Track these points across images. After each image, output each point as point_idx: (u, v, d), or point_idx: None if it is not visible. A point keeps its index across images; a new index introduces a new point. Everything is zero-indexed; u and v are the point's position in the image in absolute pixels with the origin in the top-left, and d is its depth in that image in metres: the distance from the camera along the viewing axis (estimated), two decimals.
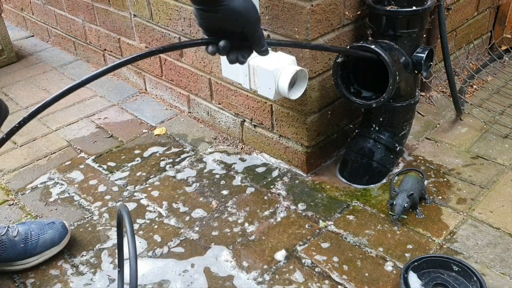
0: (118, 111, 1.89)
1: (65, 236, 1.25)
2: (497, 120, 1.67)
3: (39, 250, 1.20)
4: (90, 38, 2.17)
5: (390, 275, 1.14)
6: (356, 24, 1.37)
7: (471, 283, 1.06)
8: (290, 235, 1.27)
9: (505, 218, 1.28)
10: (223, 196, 1.42)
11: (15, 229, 1.21)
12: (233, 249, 1.24)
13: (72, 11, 2.18)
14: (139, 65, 1.95)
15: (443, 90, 1.85)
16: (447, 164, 1.48)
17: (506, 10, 1.99)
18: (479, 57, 2.03)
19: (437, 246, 1.21)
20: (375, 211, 1.33)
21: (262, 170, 1.51)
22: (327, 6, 1.25)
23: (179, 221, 1.34)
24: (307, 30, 1.24)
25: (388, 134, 1.41)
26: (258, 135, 1.58)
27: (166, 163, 1.58)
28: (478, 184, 1.40)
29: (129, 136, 1.73)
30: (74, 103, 1.96)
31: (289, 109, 1.41)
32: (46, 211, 1.40)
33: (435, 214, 1.30)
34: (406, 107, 1.39)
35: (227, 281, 1.15)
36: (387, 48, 1.22)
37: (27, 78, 2.19)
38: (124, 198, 1.44)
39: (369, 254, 1.20)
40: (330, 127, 1.48)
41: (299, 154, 1.47)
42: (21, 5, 2.59)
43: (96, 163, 1.60)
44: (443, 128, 1.66)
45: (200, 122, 1.79)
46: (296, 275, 1.15)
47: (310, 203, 1.37)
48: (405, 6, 1.24)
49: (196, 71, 1.68)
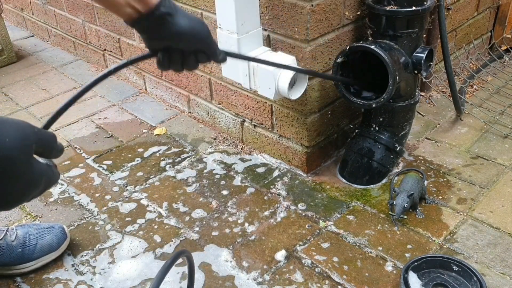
0: (118, 111, 1.89)
1: (64, 242, 1.24)
2: (497, 120, 1.67)
3: (36, 255, 1.19)
4: (90, 38, 2.17)
5: (390, 275, 1.14)
6: (356, 24, 1.37)
7: (471, 283, 1.06)
8: (290, 235, 1.27)
9: (505, 218, 1.28)
10: (223, 196, 1.42)
11: (14, 233, 1.20)
12: (233, 249, 1.24)
13: (72, 11, 2.18)
14: (139, 65, 1.95)
15: (443, 90, 1.85)
16: (447, 164, 1.48)
17: (506, 10, 1.99)
18: (479, 57, 2.03)
19: (437, 246, 1.21)
20: (375, 211, 1.33)
21: (262, 170, 1.51)
22: (327, 6, 1.25)
23: (179, 221, 1.34)
24: (307, 30, 1.24)
25: (388, 134, 1.41)
26: (258, 135, 1.58)
27: (166, 163, 1.58)
28: (478, 184, 1.40)
29: (129, 136, 1.73)
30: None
31: (289, 109, 1.41)
32: (46, 211, 1.40)
33: (435, 214, 1.30)
34: (406, 107, 1.39)
35: (227, 281, 1.15)
36: (387, 48, 1.22)
37: (27, 78, 2.19)
38: (124, 198, 1.44)
39: (369, 254, 1.20)
40: (330, 127, 1.48)
41: (299, 154, 1.47)
42: (21, 5, 2.59)
43: (96, 163, 1.60)
44: (443, 128, 1.66)
45: (200, 122, 1.79)
46: (296, 275, 1.15)
47: (310, 203, 1.37)
48: (405, 6, 1.24)
49: (196, 71, 1.68)
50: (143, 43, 1.85)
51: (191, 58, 0.84)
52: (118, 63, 0.81)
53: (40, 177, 0.51)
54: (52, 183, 0.55)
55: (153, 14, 0.74)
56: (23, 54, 2.41)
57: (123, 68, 0.82)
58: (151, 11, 0.74)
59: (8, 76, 2.21)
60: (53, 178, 0.55)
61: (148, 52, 0.83)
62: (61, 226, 1.26)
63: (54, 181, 0.55)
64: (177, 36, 0.78)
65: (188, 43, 0.81)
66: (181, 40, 0.79)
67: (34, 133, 0.51)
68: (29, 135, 0.50)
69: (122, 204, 1.41)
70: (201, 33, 0.81)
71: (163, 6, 0.75)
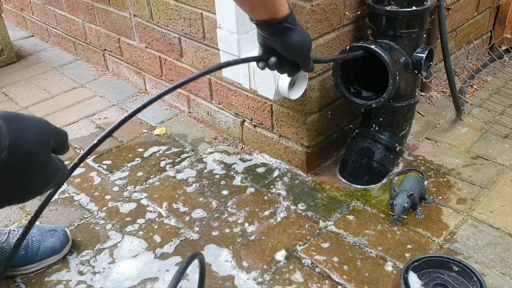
0: (118, 111, 1.89)
1: (66, 245, 1.24)
2: (497, 120, 1.67)
3: (39, 257, 1.20)
4: (90, 38, 2.17)
5: (390, 275, 1.14)
6: (356, 24, 1.37)
7: (471, 283, 1.06)
8: (290, 235, 1.27)
9: (505, 218, 1.28)
10: (223, 196, 1.42)
11: (16, 234, 1.20)
12: (233, 249, 1.24)
13: (72, 11, 2.18)
14: (139, 65, 1.95)
15: (443, 90, 1.85)
16: (447, 164, 1.48)
17: (506, 10, 1.99)
18: (479, 57, 2.03)
19: (437, 246, 1.21)
20: (375, 211, 1.33)
21: (262, 170, 1.51)
22: (327, 6, 1.25)
23: (179, 221, 1.34)
24: (307, 30, 1.23)
25: (388, 134, 1.41)
26: (258, 135, 1.58)
27: (166, 163, 1.58)
28: (478, 184, 1.40)
29: (129, 136, 1.73)
30: (74, 103, 1.96)
31: (289, 109, 1.41)
32: (46, 211, 1.40)
33: (435, 214, 1.30)
34: (406, 107, 1.39)
35: (227, 281, 1.15)
36: (387, 48, 1.22)
37: (27, 78, 2.19)
38: (124, 198, 1.44)
39: (369, 254, 1.20)
40: (330, 127, 1.48)
41: (299, 154, 1.47)
42: (21, 5, 2.59)
43: (96, 163, 1.60)
44: (443, 128, 1.66)
45: (200, 122, 1.79)
46: (296, 275, 1.15)
47: (310, 203, 1.37)
48: (405, 6, 1.24)
49: (196, 71, 1.68)
50: (143, 43, 1.85)
51: (287, 67, 0.96)
52: (228, 60, 0.89)
53: (57, 171, 0.54)
54: (64, 178, 0.58)
55: (278, 23, 0.87)
56: (23, 54, 2.41)
57: (234, 65, 0.90)
58: (278, 21, 0.87)
59: (8, 76, 2.21)
60: (65, 173, 0.58)
61: (263, 55, 0.94)
62: (64, 229, 1.26)
63: (66, 176, 0.58)
64: (287, 46, 0.90)
65: (292, 55, 0.92)
66: (288, 50, 0.91)
67: (53, 130, 0.54)
68: (49, 132, 0.53)
69: (122, 204, 1.41)
70: (305, 49, 0.93)
71: (287, 21, 0.87)
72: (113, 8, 1.91)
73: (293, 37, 0.89)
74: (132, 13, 1.82)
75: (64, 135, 0.57)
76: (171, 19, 1.64)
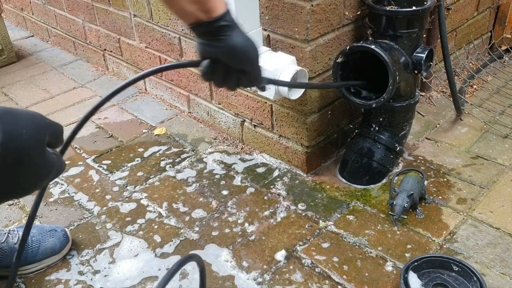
0: (118, 111, 1.89)
1: (66, 245, 1.24)
2: (497, 120, 1.67)
3: (39, 258, 1.20)
4: (90, 38, 2.17)
5: (390, 275, 1.14)
6: (356, 24, 1.37)
7: (471, 283, 1.06)
8: (290, 235, 1.27)
9: (505, 218, 1.28)
10: (223, 196, 1.42)
11: (16, 235, 1.20)
12: (233, 249, 1.24)
13: (72, 11, 2.18)
14: (139, 65, 1.95)
15: (443, 90, 1.85)
16: (447, 164, 1.48)
17: (506, 10, 1.99)
18: (479, 57, 2.03)
19: (437, 246, 1.21)
20: (375, 211, 1.33)
21: (262, 170, 1.51)
22: (327, 6, 1.25)
23: (179, 221, 1.34)
24: (307, 30, 1.24)
25: (388, 134, 1.41)
26: (258, 135, 1.58)
27: (166, 163, 1.58)
28: (478, 184, 1.40)
29: (129, 136, 1.73)
30: (74, 103, 1.96)
31: (289, 109, 1.41)
32: (46, 211, 1.40)
33: (435, 214, 1.30)
34: (406, 107, 1.39)
35: (227, 281, 1.15)
36: (387, 48, 1.22)
37: (27, 78, 2.19)
38: (124, 198, 1.44)
39: (369, 254, 1.20)
40: (330, 127, 1.48)
41: (299, 154, 1.47)
42: (21, 5, 2.59)
43: (96, 163, 1.60)
44: (443, 128, 1.66)
45: (200, 122, 1.79)
46: (296, 275, 1.15)
47: (310, 203, 1.37)
48: (405, 6, 1.24)
49: (196, 71, 1.68)
50: (143, 43, 1.85)
51: (233, 77, 0.87)
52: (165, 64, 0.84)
53: (52, 166, 0.54)
54: (61, 171, 0.57)
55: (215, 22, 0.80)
56: (23, 54, 2.41)
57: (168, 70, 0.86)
58: (213, 20, 0.80)
59: (8, 76, 2.21)
60: (61, 167, 0.57)
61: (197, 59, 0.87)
62: (64, 230, 1.26)
63: (62, 170, 0.58)
64: (228, 49, 0.82)
65: (235, 60, 0.84)
66: (230, 54, 0.83)
67: (48, 124, 0.53)
68: (44, 127, 0.52)
69: (122, 204, 1.41)
70: (250, 54, 0.85)
71: (224, 20, 0.80)
72: (113, 8, 1.91)
73: (234, 37, 0.81)
74: (132, 13, 1.82)
75: (59, 129, 0.56)
76: (171, 19, 1.64)
